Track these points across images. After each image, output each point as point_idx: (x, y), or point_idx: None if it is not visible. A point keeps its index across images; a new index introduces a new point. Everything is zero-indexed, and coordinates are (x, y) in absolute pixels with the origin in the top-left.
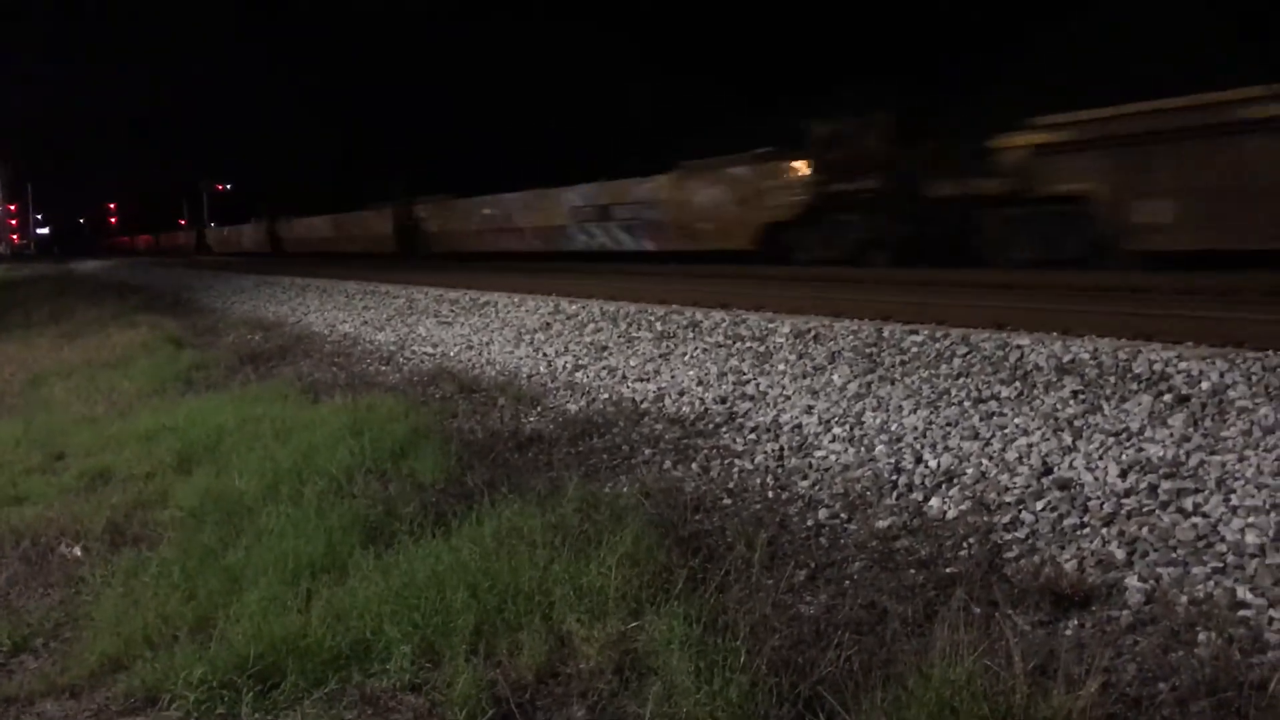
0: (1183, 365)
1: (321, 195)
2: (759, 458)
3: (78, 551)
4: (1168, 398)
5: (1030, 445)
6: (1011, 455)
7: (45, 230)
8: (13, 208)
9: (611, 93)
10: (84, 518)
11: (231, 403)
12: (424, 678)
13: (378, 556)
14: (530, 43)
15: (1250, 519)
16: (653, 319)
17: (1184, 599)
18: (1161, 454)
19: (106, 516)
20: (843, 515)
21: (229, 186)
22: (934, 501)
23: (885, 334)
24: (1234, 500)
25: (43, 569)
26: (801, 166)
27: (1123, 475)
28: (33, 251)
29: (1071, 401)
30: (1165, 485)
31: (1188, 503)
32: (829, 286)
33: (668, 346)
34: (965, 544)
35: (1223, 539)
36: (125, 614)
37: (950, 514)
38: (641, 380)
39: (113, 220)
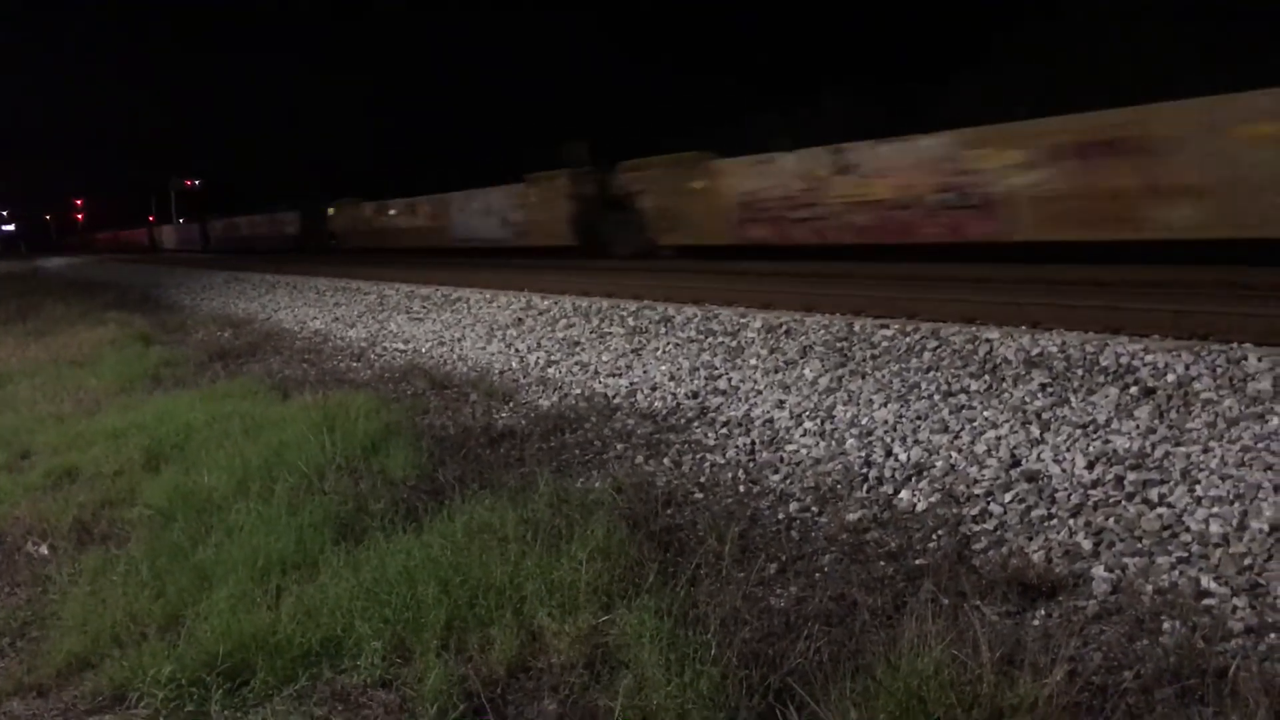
0: (1149, 358)
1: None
2: (730, 452)
3: (44, 550)
4: (1134, 390)
5: (999, 438)
6: (980, 448)
7: (11, 227)
8: None
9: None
10: (51, 516)
11: (201, 400)
12: (395, 673)
13: (349, 553)
14: (517, 33)
15: (1214, 509)
16: (625, 314)
17: (1149, 588)
18: (1128, 446)
19: (73, 515)
20: (813, 508)
21: (197, 182)
22: (904, 494)
23: (856, 328)
24: (1199, 491)
25: (9, 568)
26: None
27: (1090, 467)
28: None
29: (1040, 394)
30: (1131, 477)
31: (1153, 494)
32: (800, 281)
33: (640, 342)
34: (934, 536)
35: (1187, 529)
36: (93, 612)
37: (920, 506)
38: (614, 375)
39: (79, 217)
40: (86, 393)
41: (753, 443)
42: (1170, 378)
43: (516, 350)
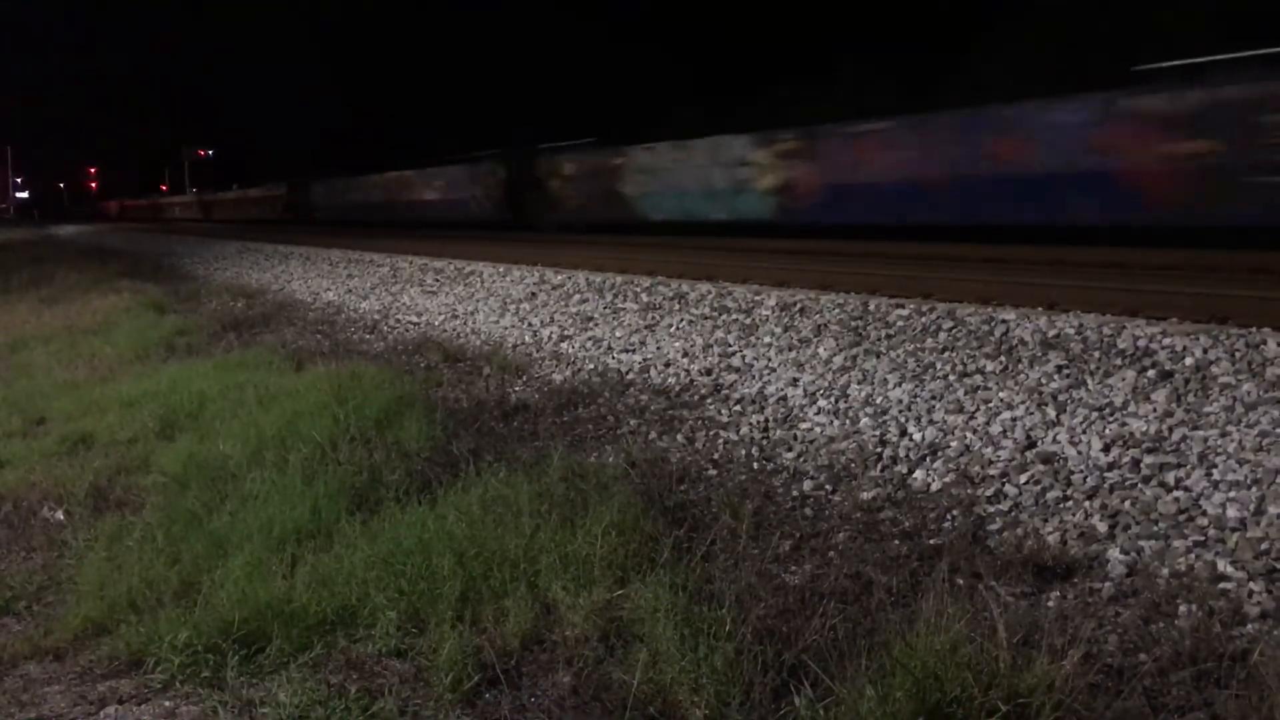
0: (1167, 341)
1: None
2: (744, 429)
3: (60, 515)
4: (1151, 373)
5: (1014, 419)
6: (996, 429)
7: (25, 194)
8: None
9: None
10: (66, 482)
11: (214, 369)
12: (409, 644)
13: (363, 523)
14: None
15: (1232, 493)
16: (639, 290)
17: (1165, 571)
18: (1145, 429)
19: (89, 481)
20: (828, 487)
21: (210, 153)
22: (918, 474)
23: (871, 307)
24: (1216, 475)
25: (25, 532)
26: None
27: (1106, 449)
28: (12, 215)
29: (1056, 376)
30: (1148, 460)
31: (1170, 477)
32: (815, 259)
33: (654, 318)
34: (949, 516)
35: (1204, 513)
36: (109, 578)
37: (934, 486)
38: (627, 351)
39: (92, 185)
40: (101, 360)
41: (766, 420)
42: (1188, 361)
43: (530, 324)
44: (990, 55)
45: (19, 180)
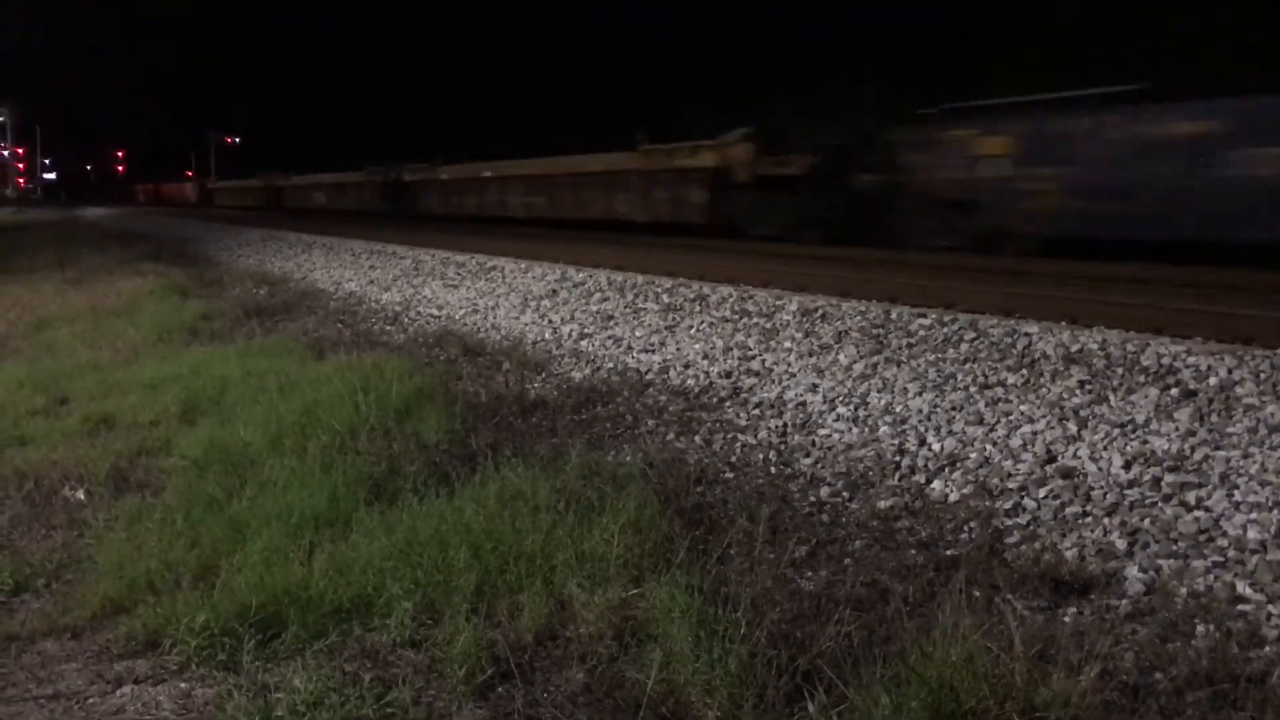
0: (1191, 360)
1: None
2: (762, 433)
3: (81, 495)
4: (1175, 391)
5: (1035, 433)
6: (1016, 442)
7: (52, 175)
8: (20, 151)
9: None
10: (87, 462)
11: (236, 355)
12: (424, 634)
13: (381, 513)
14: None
15: (1253, 515)
16: (659, 291)
17: (1183, 591)
18: (1166, 447)
19: (110, 462)
20: (845, 494)
21: (237, 140)
22: (936, 484)
23: (893, 316)
24: (1237, 496)
25: (45, 511)
26: None
27: (1127, 466)
28: (39, 196)
29: (1078, 391)
30: (1169, 478)
31: (1191, 496)
32: (837, 266)
33: (674, 319)
34: (966, 527)
35: (1224, 534)
36: (128, 558)
37: (952, 497)
38: (647, 351)
39: (119, 168)
40: (124, 342)
41: (785, 425)
42: (1212, 381)
43: (550, 321)
44: None
45: (46, 161)
